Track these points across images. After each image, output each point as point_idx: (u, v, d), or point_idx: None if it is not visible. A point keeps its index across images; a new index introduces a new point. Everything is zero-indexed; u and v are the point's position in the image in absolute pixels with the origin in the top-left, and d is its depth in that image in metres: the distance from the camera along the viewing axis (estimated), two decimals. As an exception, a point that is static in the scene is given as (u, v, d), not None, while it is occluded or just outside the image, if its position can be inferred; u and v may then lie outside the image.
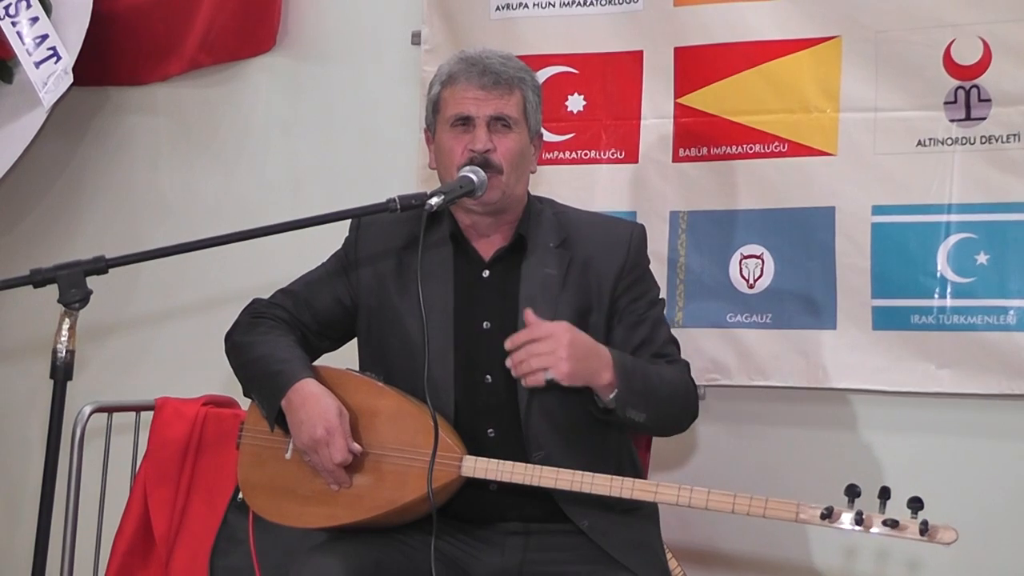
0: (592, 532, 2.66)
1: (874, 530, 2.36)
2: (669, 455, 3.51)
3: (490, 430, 2.71)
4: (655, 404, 2.63)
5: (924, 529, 2.33)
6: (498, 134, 2.74)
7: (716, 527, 3.45)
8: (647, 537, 2.75)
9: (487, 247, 2.81)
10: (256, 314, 2.87)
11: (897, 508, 2.35)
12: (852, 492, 2.37)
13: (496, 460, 2.59)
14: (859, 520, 2.36)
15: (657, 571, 2.70)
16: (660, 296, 2.89)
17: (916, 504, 2.34)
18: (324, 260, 2.94)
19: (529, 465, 2.58)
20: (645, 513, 2.77)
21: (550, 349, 2.50)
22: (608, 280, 2.76)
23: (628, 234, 2.83)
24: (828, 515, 2.38)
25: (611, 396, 2.56)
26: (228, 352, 2.86)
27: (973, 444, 3.29)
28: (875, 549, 3.31)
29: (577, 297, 2.74)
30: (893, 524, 2.34)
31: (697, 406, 2.79)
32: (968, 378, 3.21)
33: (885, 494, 2.36)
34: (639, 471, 2.88)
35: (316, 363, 2.81)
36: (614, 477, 2.53)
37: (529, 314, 2.56)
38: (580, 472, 2.55)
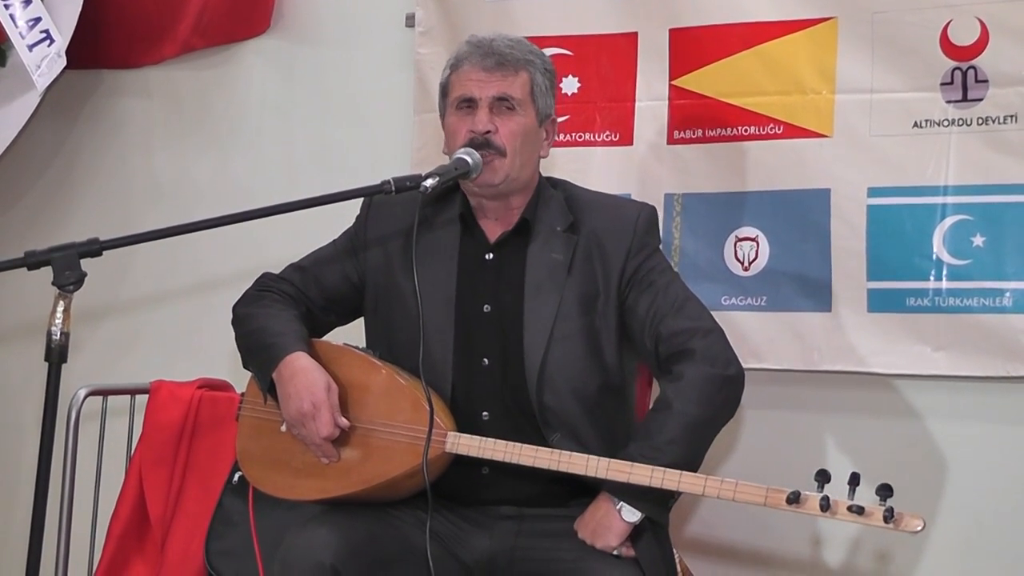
0: None
1: (840, 516, 2.34)
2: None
3: (485, 413, 2.71)
4: (684, 459, 2.57)
5: (889, 516, 2.31)
6: (501, 116, 2.73)
7: (712, 513, 3.46)
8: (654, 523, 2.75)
9: (494, 229, 2.81)
10: (262, 287, 2.89)
11: (868, 496, 2.34)
12: (823, 477, 2.36)
13: (479, 437, 2.60)
14: (825, 506, 2.34)
15: (654, 557, 2.66)
16: (674, 271, 2.87)
17: (885, 492, 2.32)
18: (327, 240, 2.96)
19: (511, 443, 2.59)
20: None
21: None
22: (615, 265, 2.75)
23: (635, 216, 2.81)
24: (795, 500, 2.36)
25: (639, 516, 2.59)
26: (232, 323, 2.88)
27: (969, 427, 3.29)
28: (846, 537, 3.32)
29: (583, 283, 2.74)
30: (859, 511, 2.32)
31: (734, 381, 2.67)
32: (964, 361, 3.20)
33: (855, 480, 2.34)
34: None
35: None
36: (590, 456, 2.54)
37: None
38: (559, 451, 2.56)
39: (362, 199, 2.88)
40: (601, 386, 2.72)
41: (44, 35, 3.87)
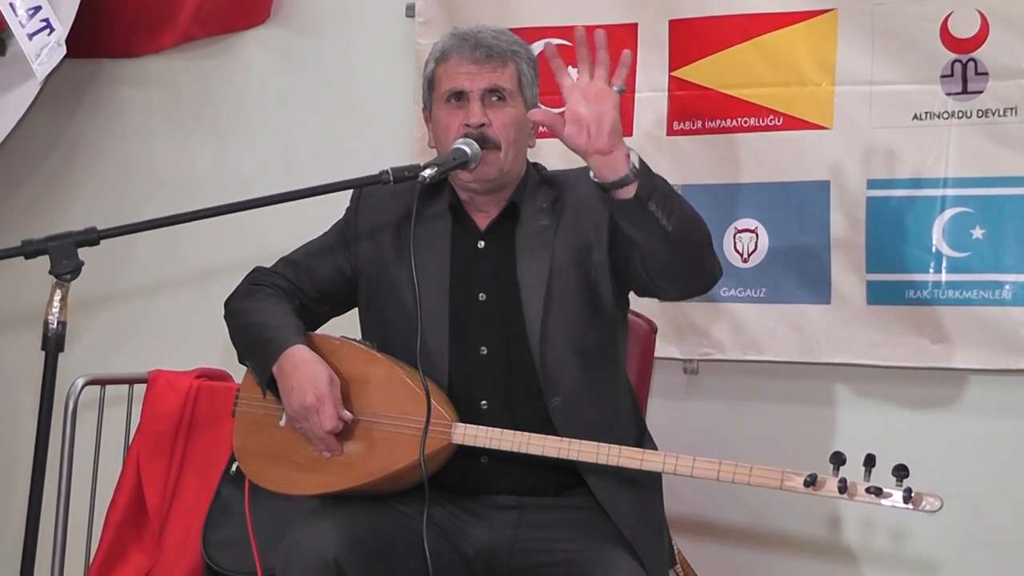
0: (607, 505, 2.64)
1: (858, 497, 2.34)
2: (662, 430, 3.49)
3: (483, 402, 2.70)
4: (679, 214, 2.46)
5: (908, 496, 2.31)
6: (493, 108, 2.72)
7: (704, 497, 3.46)
8: (653, 512, 2.74)
9: (484, 218, 2.80)
10: (255, 281, 2.87)
11: (883, 477, 2.34)
12: (837, 460, 2.35)
13: (486, 427, 2.59)
14: (843, 488, 2.34)
15: (654, 548, 2.67)
16: None
17: (901, 472, 2.32)
18: (325, 230, 2.94)
19: (519, 432, 2.58)
20: (657, 489, 2.77)
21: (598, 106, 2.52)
22: (604, 214, 2.67)
23: None
24: (812, 482, 2.36)
25: (630, 189, 2.42)
26: (225, 318, 2.86)
27: (967, 419, 3.30)
28: (861, 519, 3.32)
29: (573, 238, 2.71)
30: (877, 491, 2.32)
31: (715, 258, 2.62)
32: (963, 353, 3.21)
33: (870, 462, 2.34)
34: (640, 417, 2.89)
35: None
36: (601, 444, 2.53)
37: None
38: (567, 440, 2.55)
39: (352, 191, 2.87)
40: (600, 341, 2.71)
41: (44, 24, 3.86)
